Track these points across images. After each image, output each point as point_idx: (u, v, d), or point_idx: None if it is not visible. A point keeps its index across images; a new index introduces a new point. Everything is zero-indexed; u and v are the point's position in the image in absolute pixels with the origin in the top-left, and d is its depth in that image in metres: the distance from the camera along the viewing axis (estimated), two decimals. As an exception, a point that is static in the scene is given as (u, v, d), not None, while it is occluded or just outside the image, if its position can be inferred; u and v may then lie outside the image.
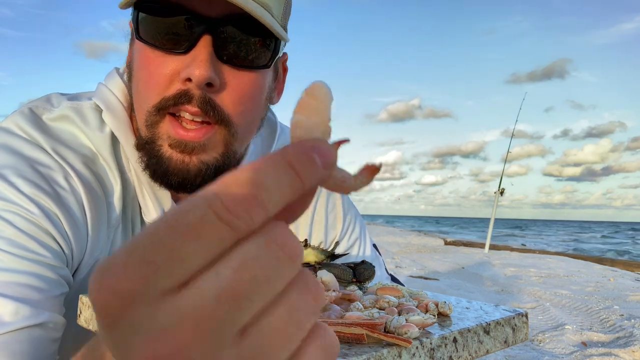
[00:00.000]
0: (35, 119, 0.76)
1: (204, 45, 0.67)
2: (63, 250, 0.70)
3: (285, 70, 0.87)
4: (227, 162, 0.75)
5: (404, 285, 0.75)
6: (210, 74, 0.67)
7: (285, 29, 0.77)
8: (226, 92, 0.71)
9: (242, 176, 0.22)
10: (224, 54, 0.69)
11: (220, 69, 0.70)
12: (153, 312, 0.21)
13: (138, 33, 0.71)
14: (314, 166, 0.23)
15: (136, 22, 0.71)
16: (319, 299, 0.24)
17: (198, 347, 0.21)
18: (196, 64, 0.67)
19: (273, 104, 0.85)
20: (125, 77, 0.83)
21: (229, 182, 0.22)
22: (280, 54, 0.77)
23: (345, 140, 0.26)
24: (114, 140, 0.79)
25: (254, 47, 0.72)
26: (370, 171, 0.26)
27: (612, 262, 7.87)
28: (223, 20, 0.68)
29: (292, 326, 0.23)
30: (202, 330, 0.21)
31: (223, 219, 0.21)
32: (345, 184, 0.26)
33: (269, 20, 0.69)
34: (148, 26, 0.70)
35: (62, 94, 0.84)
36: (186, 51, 0.68)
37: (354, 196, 1.14)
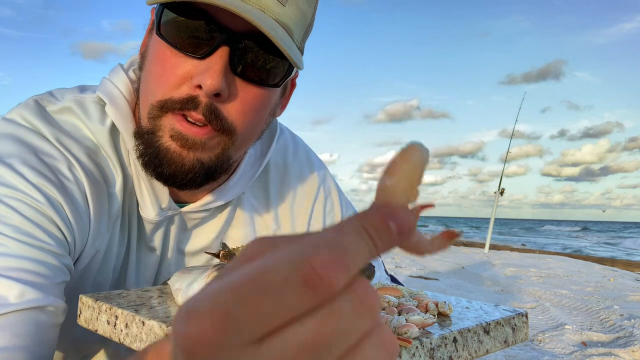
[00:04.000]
0: (40, 111, 0.77)
1: (220, 56, 0.68)
2: (66, 239, 0.71)
3: (293, 86, 0.88)
4: (220, 165, 0.76)
5: (403, 286, 0.75)
6: (222, 85, 0.68)
7: (302, 51, 0.78)
8: (232, 102, 0.72)
9: (329, 238, 0.23)
10: (238, 67, 0.70)
11: (231, 81, 0.70)
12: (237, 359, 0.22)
13: (159, 28, 0.71)
14: (389, 235, 0.24)
15: (159, 17, 0.71)
16: (393, 353, 0.24)
17: None
18: (210, 73, 0.67)
19: (276, 116, 0.87)
20: (130, 72, 0.84)
21: (316, 243, 0.22)
22: (292, 75, 0.78)
23: (429, 205, 0.26)
24: (115, 134, 0.80)
25: (267, 65, 0.72)
26: (448, 236, 0.27)
27: (612, 262, 7.87)
28: (243, 35, 0.69)
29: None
30: None
31: (309, 284, 0.21)
32: (419, 246, 0.26)
33: (287, 46, 0.69)
34: (170, 24, 0.71)
35: (65, 88, 0.85)
36: (202, 57, 0.69)
37: (353, 196, 1.14)
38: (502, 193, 9.00)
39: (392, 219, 0.24)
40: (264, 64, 0.72)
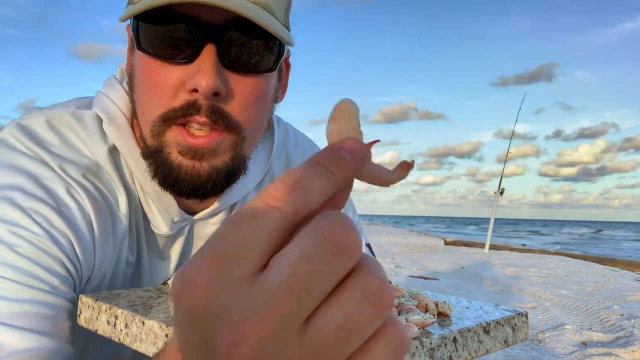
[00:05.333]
0: (36, 132, 0.75)
1: (208, 54, 0.66)
2: (70, 274, 0.69)
3: (288, 66, 0.86)
4: (237, 166, 0.74)
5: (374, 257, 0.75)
6: (217, 83, 0.66)
7: (288, 28, 0.76)
8: (233, 98, 0.70)
9: (285, 175, 0.26)
10: (229, 61, 0.68)
11: (225, 77, 0.68)
12: (232, 303, 0.23)
13: (139, 43, 0.69)
14: (342, 160, 0.26)
15: (136, 31, 0.69)
16: (379, 305, 0.24)
17: (270, 335, 0.23)
18: (202, 74, 0.65)
19: (278, 102, 0.84)
20: (124, 84, 0.81)
21: (275, 180, 0.25)
22: (284, 55, 0.76)
23: (376, 141, 0.29)
24: (115, 151, 0.78)
25: (258, 51, 0.70)
26: (405, 166, 0.30)
27: (612, 262, 7.87)
28: (226, 26, 0.67)
29: (348, 328, 0.24)
30: (273, 319, 0.23)
31: (271, 204, 0.24)
32: (383, 177, 0.29)
33: (273, 25, 0.67)
34: (149, 36, 0.68)
35: (62, 103, 0.83)
36: (190, 60, 0.67)
37: (352, 196, 1.14)
38: (502, 193, 8.99)
39: (342, 148, 0.26)
40: (254, 51, 0.70)
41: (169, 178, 0.71)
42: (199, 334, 0.24)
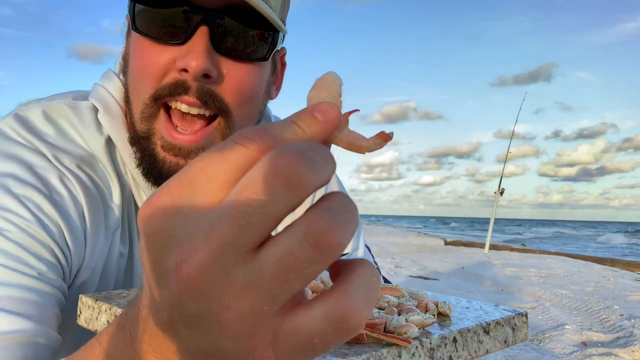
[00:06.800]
0: (32, 122, 0.75)
1: (200, 36, 0.67)
2: (59, 262, 0.68)
3: (283, 65, 0.86)
4: None
5: (390, 283, 0.75)
6: (207, 65, 0.66)
7: (284, 22, 0.77)
8: (225, 83, 0.70)
9: (262, 124, 0.27)
10: (222, 46, 0.69)
11: (217, 61, 0.69)
12: (186, 225, 0.25)
13: (134, 24, 0.70)
14: (314, 121, 0.27)
15: (133, 13, 0.70)
16: (318, 247, 0.23)
17: (213, 257, 0.24)
18: (192, 54, 0.66)
19: (272, 99, 0.85)
20: (121, 76, 0.82)
21: (251, 127, 0.27)
22: (278, 47, 0.77)
23: (354, 110, 0.30)
24: (111, 142, 0.78)
25: (252, 39, 0.71)
26: (383, 136, 0.30)
27: (612, 262, 7.87)
28: (220, 11, 0.68)
29: (285, 265, 0.24)
30: (214, 243, 0.24)
31: (239, 142, 0.25)
32: (357, 143, 0.30)
33: (268, 11, 0.68)
34: (145, 17, 0.70)
35: (59, 94, 0.83)
36: (183, 42, 0.68)
37: (352, 196, 1.14)
38: (502, 193, 8.99)
39: (315, 111, 0.27)
40: (248, 38, 0.71)
41: (153, 170, 0.73)
42: (157, 250, 0.26)
